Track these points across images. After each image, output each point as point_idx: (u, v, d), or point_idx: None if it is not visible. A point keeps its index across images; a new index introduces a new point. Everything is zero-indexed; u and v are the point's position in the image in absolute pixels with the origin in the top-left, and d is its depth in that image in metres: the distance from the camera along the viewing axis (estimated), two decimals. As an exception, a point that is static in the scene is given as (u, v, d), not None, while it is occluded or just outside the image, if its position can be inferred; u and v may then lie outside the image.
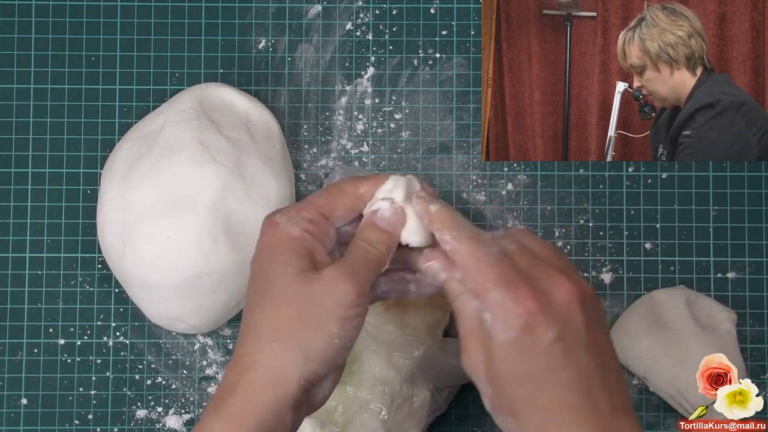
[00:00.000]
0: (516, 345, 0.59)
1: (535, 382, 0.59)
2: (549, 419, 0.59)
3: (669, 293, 0.88)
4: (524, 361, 0.59)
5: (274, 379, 0.60)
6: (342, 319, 0.60)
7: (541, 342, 0.58)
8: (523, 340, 0.58)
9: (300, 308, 0.60)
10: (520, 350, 0.59)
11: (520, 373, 0.59)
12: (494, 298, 0.59)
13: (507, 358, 0.59)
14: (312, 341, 0.60)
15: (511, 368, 0.59)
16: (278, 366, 0.60)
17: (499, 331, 0.59)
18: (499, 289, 0.59)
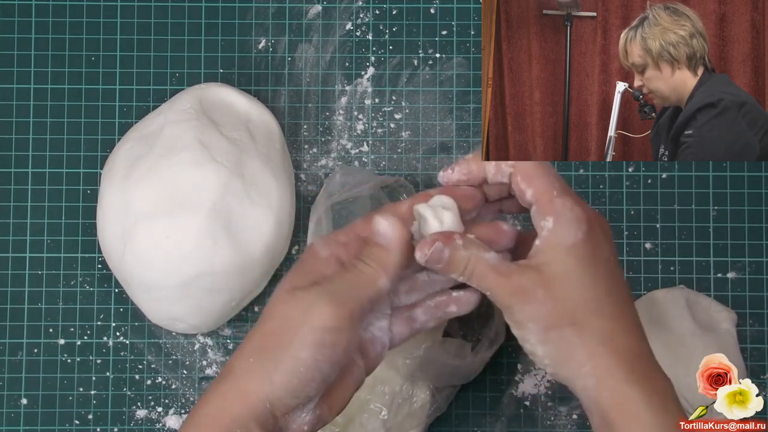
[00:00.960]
0: (581, 248, 0.59)
1: (601, 288, 0.60)
2: (614, 325, 0.60)
3: (669, 293, 0.88)
4: (590, 264, 0.60)
5: (243, 393, 0.59)
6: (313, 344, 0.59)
7: (603, 251, 0.60)
8: (589, 244, 0.60)
9: (277, 326, 0.60)
10: (586, 254, 0.59)
11: (586, 277, 0.59)
12: (561, 204, 0.60)
13: (572, 262, 0.59)
14: (279, 364, 0.59)
15: (576, 273, 0.59)
16: (248, 381, 0.60)
17: (566, 234, 0.60)
18: (565, 197, 0.61)
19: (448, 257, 0.61)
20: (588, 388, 0.60)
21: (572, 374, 0.60)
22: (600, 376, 0.59)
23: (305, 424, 0.61)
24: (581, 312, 0.59)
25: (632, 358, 0.60)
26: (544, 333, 0.60)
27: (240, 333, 0.90)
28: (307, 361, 0.59)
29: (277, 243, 0.85)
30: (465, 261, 0.61)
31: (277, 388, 0.59)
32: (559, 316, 0.60)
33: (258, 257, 0.84)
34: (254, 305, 0.90)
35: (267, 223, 0.84)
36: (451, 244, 0.61)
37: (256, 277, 0.85)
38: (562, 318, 0.60)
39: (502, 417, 0.90)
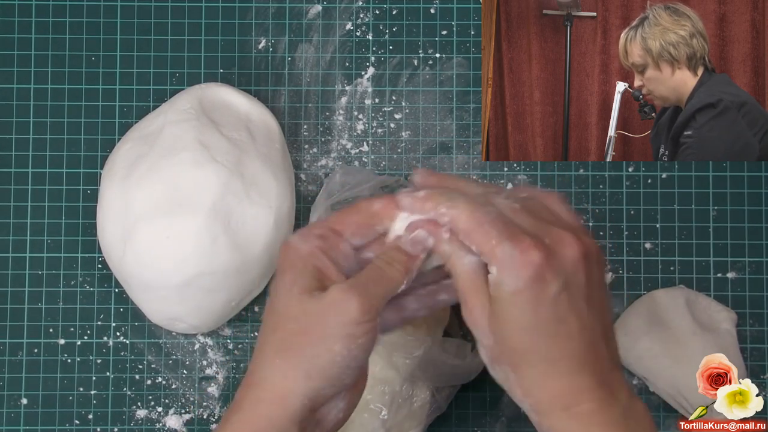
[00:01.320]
0: (523, 295, 0.59)
1: (541, 332, 0.59)
2: (551, 369, 0.60)
3: (669, 293, 0.88)
4: (531, 311, 0.59)
5: (277, 395, 0.60)
6: (346, 337, 0.59)
7: (548, 292, 0.59)
8: (530, 291, 0.59)
9: (303, 326, 0.60)
10: (527, 301, 0.59)
11: (526, 324, 0.59)
12: (501, 252, 0.59)
13: (513, 309, 0.59)
14: (313, 359, 0.60)
15: (516, 319, 0.59)
16: (281, 383, 0.60)
17: (507, 283, 0.59)
18: (504, 243, 0.59)
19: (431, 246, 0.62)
20: (532, 419, 0.62)
21: (518, 403, 0.62)
22: (538, 413, 0.61)
23: (340, 411, 0.63)
24: (517, 357, 0.60)
25: (570, 396, 0.60)
26: (489, 361, 0.62)
27: (240, 333, 0.90)
28: (343, 352, 0.59)
29: (276, 243, 0.85)
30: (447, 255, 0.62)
31: (314, 382, 0.60)
32: (499, 353, 0.61)
33: (258, 257, 0.84)
34: (254, 305, 0.90)
35: (267, 223, 0.84)
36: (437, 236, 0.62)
37: (256, 276, 0.85)
38: (501, 355, 0.61)
39: (502, 417, 0.90)
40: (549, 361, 0.60)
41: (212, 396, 0.90)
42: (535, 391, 0.60)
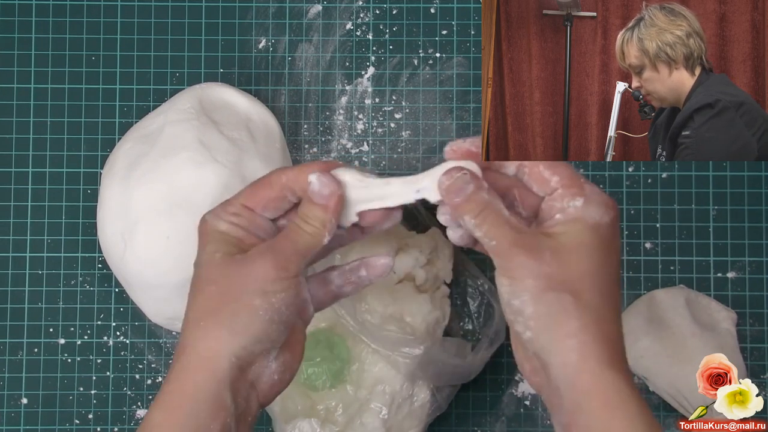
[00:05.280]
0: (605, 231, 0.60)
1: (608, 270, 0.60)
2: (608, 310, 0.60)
3: (669, 293, 0.88)
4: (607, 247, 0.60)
5: (203, 359, 0.60)
6: (264, 293, 0.61)
7: (617, 241, 0.61)
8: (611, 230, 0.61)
9: (223, 287, 0.61)
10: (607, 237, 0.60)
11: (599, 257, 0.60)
12: (590, 189, 0.61)
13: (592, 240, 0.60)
14: (235, 315, 0.61)
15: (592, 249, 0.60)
16: (206, 345, 0.60)
17: (594, 214, 0.60)
18: (593, 185, 0.62)
19: (470, 193, 0.62)
20: (567, 364, 0.58)
21: (554, 343, 0.59)
22: (584, 355, 0.58)
23: (275, 373, 0.63)
24: (584, 284, 0.59)
25: (617, 346, 0.60)
26: (541, 292, 0.59)
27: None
28: (264, 306, 0.61)
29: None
30: (483, 204, 0.61)
31: (239, 338, 0.60)
32: (561, 280, 0.59)
33: (258, 257, 0.84)
34: (254, 305, 0.90)
35: (267, 223, 0.84)
36: (478, 182, 0.62)
37: (256, 276, 0.85)
38: (563, 283, 0.59)
39: (502, 416, 0.90)
40: (609, 303, 0.60)
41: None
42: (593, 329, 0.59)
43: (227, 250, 0.63)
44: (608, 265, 0.61)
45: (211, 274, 0.62)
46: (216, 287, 0.62)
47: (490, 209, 0.61)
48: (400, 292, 0.84)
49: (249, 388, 0.62)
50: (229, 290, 0.61)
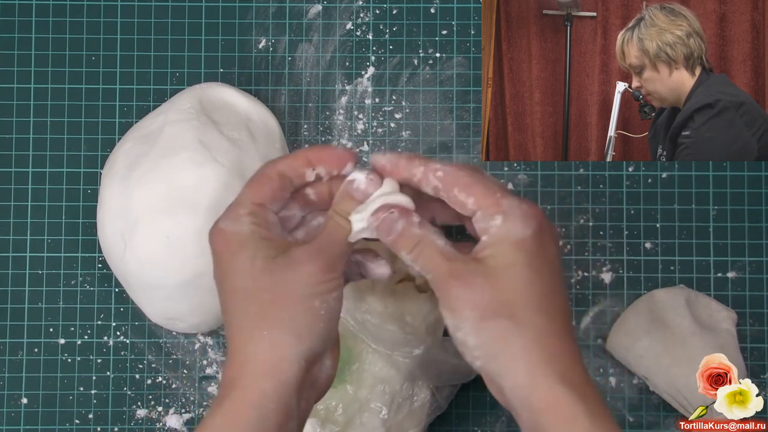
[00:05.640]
0: (529, 244, 0.59)
1: (543, 285, 0.60)
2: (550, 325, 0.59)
3: (669, 293, 0.88)
4: (535, 262, 0.60)
5: (272, 365, 0.60)
6: (319, 294, 0.61)
7: (548, 249, 0.60)
8: (535, 241, 0.60)
9: (279, 293, 0.61)
10: (532, 250, 0.60)
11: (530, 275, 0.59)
12: (508, 203, 0.60)
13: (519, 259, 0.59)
14: (298, 319, 0.60)
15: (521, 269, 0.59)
16: (273, 352, 0.60)
17: (515, 231, 0.60)
18: (510, 197, 0.61)
19: (400, 230, 0.62)
20: (518, 386, 0.59)
21: (503, 369, 0.59)
22: (533, 375, 0.58)
23: (330, 368, 0.64)
24: (519, 306, 0.59)
25: (565, 360, 0.59)
26: (479, 321, 0.59)
27: (240, 332, 0.90)
28: (323, 306, 0.61)
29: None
30: (416, 239, 0.62)
31: (307, 341, 0.60)
32: (497, 306, 0.59)
33: (258, 257, 0.84)
34: (254, 305, 0.90)
35: (267, 223, 0.84)
36: (408, 218, 0.62)
37: (256, 276, 0.85)
38: (499, 308, 0.59)
39: (502, 416, 0.90)
40: (549, 318, 0.59)
41: (212, 395, 0.90)
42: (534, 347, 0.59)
43: (266, 254, 0.62)
44: (542, 278, 0.60)
45: (258, 282, 0.61)
46: (270, 294, 0.61)
47: (423, 243, 0.61)
48: (400, 292, 0.84)
49: (310, 388, 0.62)
50: (284, 296, 0.61)
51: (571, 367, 0.59)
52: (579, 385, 0.59)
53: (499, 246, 0.60)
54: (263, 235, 0.63)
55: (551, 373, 0.58)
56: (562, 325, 0.60)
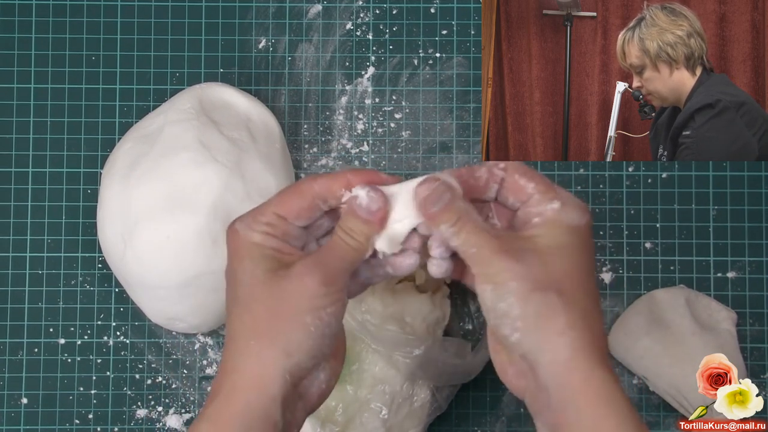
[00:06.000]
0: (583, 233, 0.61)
1: (587, 270, 0.61)
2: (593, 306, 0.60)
3: (669, 293, 0.88)
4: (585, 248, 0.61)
5: (257, 377, 0.60)
6: (314, 309, 0.60)
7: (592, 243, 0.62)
8: (588, 233, 0.62)
9: (272, 306, 0.61)
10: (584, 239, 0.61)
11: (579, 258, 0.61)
12: (566, 193, 0.62)
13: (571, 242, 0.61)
14: (288, 334, 0.60)
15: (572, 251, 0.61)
16: (259, 365, 0.60)
17: (572, 217, 0.61)
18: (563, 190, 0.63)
19: (447, 201, 0.62)
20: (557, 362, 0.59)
21: (543, 342, 0.59)
22: (574, 351, 0.58)
23: (323, 383, 0.63)
24: (568, 283, 0.60)
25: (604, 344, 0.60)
26: (527, 293, 0.59)
27: (240, 332, 0.90)
28: (315, 322, 0.60)
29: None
30: (459, 213, 0.61)
31: (294, 356, 0.60)
32: (547, 281, 0.59)
33: (258, 257, 0.84)
34: (254, 305, 0.90)
35: (267, 223, 0.84)
36: (454, 192, 0.62)
37: (256, 276, 0.85)
38: (549, 283, 0.59)
39: (502, 416, 0.90)
40: (593, 301, 0.61)
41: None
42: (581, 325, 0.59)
43: (269, 266, 0.62)
44: (587, 265, 0.62)
45: (256, 293, 0.61)
46: (264, 306, 0.61)
47: (467, 217, 0.61)
48: (400, 292, 0.84)
49: (297, 400, 0.62)
50: (278, 309, 0.60)
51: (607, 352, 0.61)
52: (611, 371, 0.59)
53: (552, 227, 0.61)
54: (273, 246, 0.62)
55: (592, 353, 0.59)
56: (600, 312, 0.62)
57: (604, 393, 0.58)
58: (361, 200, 0.63)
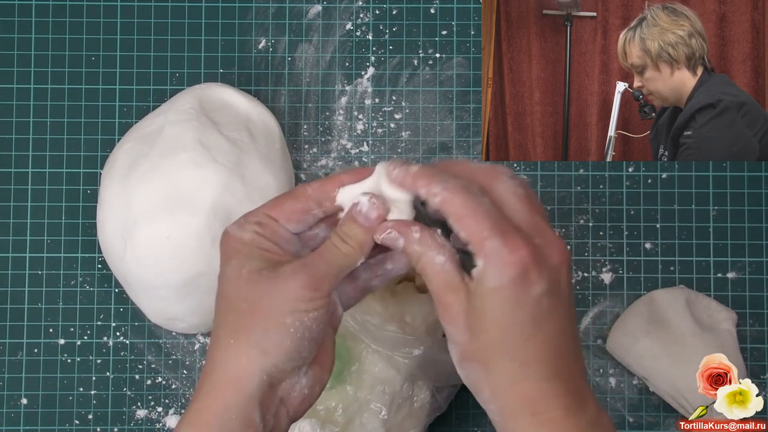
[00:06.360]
0: (505, 293, 0.58)
1: (517, 332, 0.59)
2: (523, 372, 0.59)
3: (669, 293, 0.88)
4: (510, 309, 0.58)
5: (233, 377, 0.60)
6: (296, 312, 0.60)
7: (531, 293, 0.59)
8: (513, 289, 0.58)
9: (254, 305, 0.60)
10: (508, 299, 0.58)
11: (503, 322, 0.59)
12: (490, 246, 0.58)
13: (493, 305, 0.58)
14: (267, 333, 0.60)
15: (495, 315, 0.59)
16: (236, 363, 0.60)
17: (491, 278, 0.58)
18: (495, 238, 0.58)
19: (402, 246, 0.61)
20: (495, 422, 0.61)
21: (483, 405, 0.61)
22: (504, 417, 0.60)
23: (305, 388, 0.62)
24: (492, 352, 0.59)
25: (537, 401, 0.59)
26: (460, 359, 0.61)
27: (240, 333, 0.90)
28: (295, 324, 0.60)
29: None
30: (417, 256, 0.61)
31: (271, 356, 0.60)
32: (473, 349, 0.60)
33: (258, 257, 0.84)
34: (254, 305, 0.90)
35: (267, 223, 0.84)
36: (407, 236, 0.61)
37: (256, 277, 0.85)
38: (475, 352, 0.60)
39: (502, 417, 0.90)
40: (522, 363, 0.59)
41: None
42: (504, 393, 0.60)
43: (254, 266, 0.61)
44: (520, 322, 0.59)
45: (240, 291, 0.61)
46: (247, 305, 0.61)
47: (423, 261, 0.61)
48: (400, 292, 0.84)
49: (279, 404, 0.62)
50: (260, 308, 0.60)
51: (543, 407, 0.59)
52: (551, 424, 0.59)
53: (479, 287, 0.59)
54: (262, 247, 0.62)
55: (521, 416, 0.59)
56: (539, 366, 0.59)
57: None
58: (362, 206, 0.62)
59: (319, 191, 0.64)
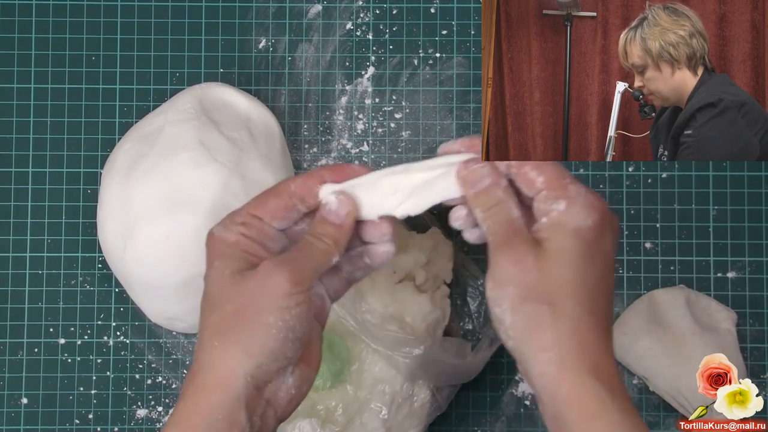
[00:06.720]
0: (586, 233, 0.59)
1: (589, 277, 0.59)
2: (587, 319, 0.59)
3: (669, 293, 0.88)
4: (587, 252, 0.59)
5: (218, 379, 0.60)
6: (278, 309, 0.60)
7: (604, 244, 0.60)
8: (593, 232, 0.59)
9: (237, 305, 0.61)
10: (588, 240, 0.59)
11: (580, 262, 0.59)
12: (574, 189, 0.60)
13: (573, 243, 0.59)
14: (251, 334, 0.60)
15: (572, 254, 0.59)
16: (221, 365, 0.60)
17: (575, 218, 0.59)
18: (578, 184, 0.60)
19: (486, 187, 0.62)
20: (545, 374, 0.58)
21: (532, 354, 0.59)
22: (562, 366, 0.58)
23: (292, 388, 0.62)
24: (562, 293, 0.59)
25: (598, 354, 0.59)
26: (519, 301, 0.59)
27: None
28: (278, 324, 0.60)
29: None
30: (496, 201, 0.61)
31: (255, 357, 0.60)
32: (540, 290, 0.59)
33: (258, 257, 0.84)
34: (254, 305, 0.90)
35: (267, 223, 0.84)
36: (497, 179, 0.62)
37: (256, 276, 0.85)
38: (541, 293, 0.59)
39: (502, 416, 0.90)
40: (590, 311, 0.59)
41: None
42: (569, 338, 0.58)
43: (236, 266, 0.62)
44: (591, 270, 0.59)
45: (224, 292, 0.62)
46: (231, 306, 0.61)
47: (500, 208, 0.61)
48: (400, 292, 0.84)
49: (265, 405, 0.62)
50: (243, 309, 0.60)
51: (603, 361, 0.59)
52: (608, 379, 0.58)
53: (556, 230, 0.59)
54: (245, 247, 0.62)
55: (582, 366, 0.58)
56: (602, 320, 0.60)
57: (594, 405, 0.57)
58: (331, 205, 0.63)
59: (302, 188, 0.64)
